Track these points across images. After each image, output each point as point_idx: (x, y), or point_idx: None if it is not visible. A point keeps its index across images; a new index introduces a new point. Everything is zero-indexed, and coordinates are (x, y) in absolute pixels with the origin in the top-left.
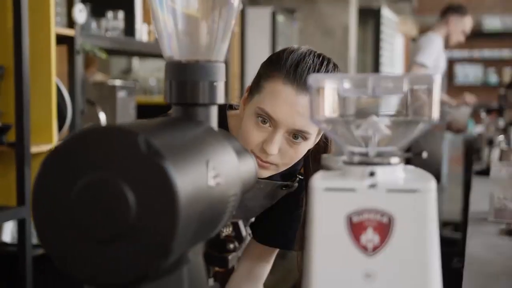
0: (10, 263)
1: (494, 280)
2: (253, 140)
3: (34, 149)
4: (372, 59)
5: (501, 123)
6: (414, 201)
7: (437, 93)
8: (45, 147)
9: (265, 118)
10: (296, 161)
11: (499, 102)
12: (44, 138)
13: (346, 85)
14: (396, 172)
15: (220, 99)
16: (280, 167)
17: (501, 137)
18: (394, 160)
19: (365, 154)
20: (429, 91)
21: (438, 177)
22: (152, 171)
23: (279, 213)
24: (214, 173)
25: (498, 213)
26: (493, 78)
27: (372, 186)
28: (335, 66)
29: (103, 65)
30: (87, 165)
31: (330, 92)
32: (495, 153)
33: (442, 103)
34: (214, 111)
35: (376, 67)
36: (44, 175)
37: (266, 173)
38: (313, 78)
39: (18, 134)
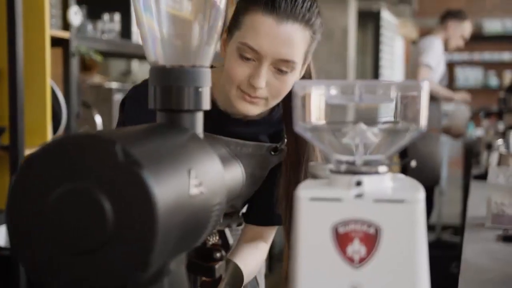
0: (6, 266)
1: (490, 287)
2: (239, 76)
3: (28, 152)
4: (372, 62)
5: (501, 126)
6: (402, 211)
7: (426, 101)
8: None
9: (248, 52)
10: (285, 93)
11: (499, 106)
12: (39, 141)
13: (333, 91)
14: (383, 182)
15: (206, 104)
16: (270, 101)
17: (500, 141)
18: (382, 169)
19: (352, 163)
20: (418, 99)
21: (436, 180)
22: (129, 181)
23: (268, 189)
24: (196, 182)
25: (495, 219)
26: (493, 81)
27: (359, 196)
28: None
29: (102, 67)
30: (64, 173)
31: (316, 98)
32: (494, 157)
33: (441, 99)
34: (199, 117)
35: (376, 70)
36: (20, 183)
37: (256, 109)
38: (298, 85)
39: (12, 137)
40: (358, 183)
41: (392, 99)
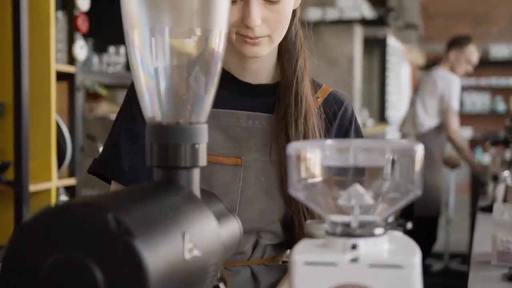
0: None
1: None
2: (232, 22)
3: (33, 187)
4: (378, 88)
5: (508, 155)
6: (398, 277)
7: (419, 163)
8: (44, 186)
9: None
10: (287, 24)
11: (505, 134)
12: (43, 176)
13: (328, 153)
14: (379, 244)
15: (203, 161)
16: (274, 36)
17: (506, 173)
18: (378, 231)
19: (348, 225)
20: (412, 161)
21: (437, 211)
22: (122, 250)
23: None
24: (191, 245)
25: (501, 257)
26: (500, 106)
27: (354, 260)
28: None
29: (110, 95)
30: (57, 242)
31: (310, 160)
32: (500, 189)
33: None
34: (196, 174)
35: (382, 96)
36: (12, 254)
37: (263, 49)
38: (293, 147)
39: (17, 173)
40: (354, 247)
41: (387, 161)
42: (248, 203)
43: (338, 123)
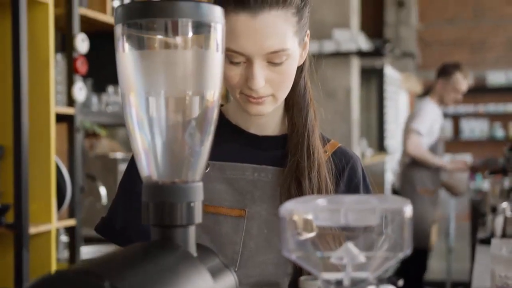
0: None
1: None
2: (235, 82)
3: (33, 229)
4: (376, 117)
5: (507, 183)
6: None
7: (409, 224)
8: (44, 228)
9: (234, 57)
10: (290, 83)
11: (504, 163)
12: (43, 218)
13: (320, 214)
14: None
15: (198, 218)
16: (278, 96)
17: (504, 204)
18: None
19: (340, 282)
20: (402, 221)
21: (426, 243)
22: None
23: None
24: None
25: None
26: (499, 133)
27: None
28: None
29: (110, 132)
30: None
31: (303, 220)
32: (499, 221)
33: (437, 168)
34: (192, 231)
35: (380, 125)
36: None
37: (267, 108)
38: (285, 208)
39: (17, 215)
40: None
41: (377, 221)
42: (251, 255)
43: (347, 178)
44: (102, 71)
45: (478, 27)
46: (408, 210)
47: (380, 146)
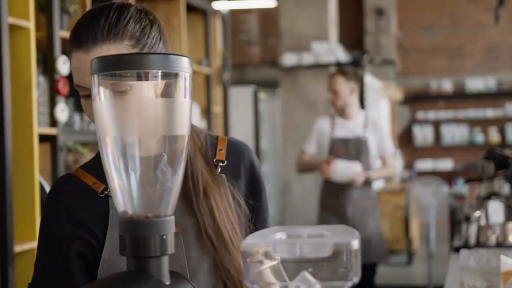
0: None
1: None
2: (90, 114)
3: (18, 248)
4: None
5: (483, 190)
6: None
7: (357, 255)
8: (29, 246)
9: (83, 91)
10: None
11: (480, 170)
12: (28, 236)
13: (278, 248)
14: None
15: (171, 249)
16: None
17: (477, 213)
18: None
19: None
20: (350, 254)
21: (381, 255)
22: None
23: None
24: None
25: None
26: (479, 138)
27: None
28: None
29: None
30: None
31: (263, 253)
32: (473, 229)
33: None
34: (165, 261)
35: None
36: None
37: None
38: (247, 244)
39: (2, 234)
40: None
41: (329, 253)
42: (197, 264)
43: (248, 170)
44: None
45: (456, 34)
46: (355, 243)
47: None
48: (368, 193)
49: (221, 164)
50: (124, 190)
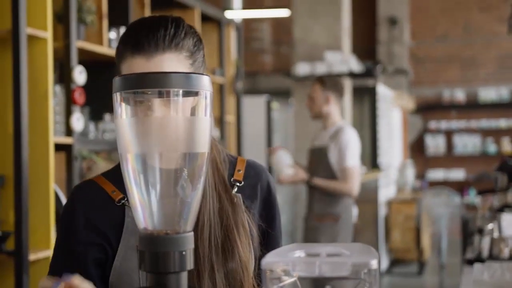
0: None
1: None
2: None
3: (33, 256)
4: (369, 135)
5: (496, 202)
6: None
7: (376, 274)
8: (43, 254)
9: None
10: None
11: (493, 183)
12: (42, 245)
13: (297, 267)
14: None
15: (190, 265)
16: None
17: (490, 226)
18: None
19: None
20: (369, 273)
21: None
22: None
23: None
24: None
25: None
26: (491, 148)
27: None
28: (184, 28)
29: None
30: None
31: (282, 271)
32: (486, 242)
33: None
34: (184, 277)
35: (373, 143)
36: None
37: None
38: (267, 262)
39: (17, 243)
40: None
41: (348, 273)
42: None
43: (264, 192)
44: (99, 100)
45: (469, 44)
46: (374, 262)
47: (374, 163)
48: (332, 210)
49: (237, 184)
50: (144, 206)
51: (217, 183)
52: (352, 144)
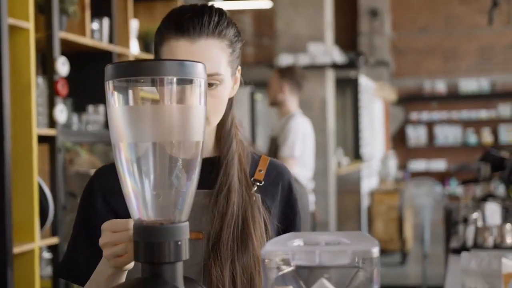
0: None
1: None
2: None
3: (16, 249)
4: (352, 126)
5: (479, 191)
6: None
7: (377, 263)
8: (28, 247)
9: None
10: (223, 108)
11: (476, 172)
12: (27, 238)
13: (297, 256)
14: None
15: (185, 255)
16: (211, 119)
17: (475, 215)
18: None
19: None
20: (370, 261)
21: None
22: None
23: None
24: None
25: None
26: (472, 139)
27: None
28: (227, 20)
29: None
30: None
31: (281, 260)
32: (470, 231)
33: None
34: (179, 267)
35: (356, 134)
36: None
37: None
38: (266, 251)
39: (1, 236)
40: None
41: (348, 261)
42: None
43: (285, 192)
44: (82, 91)
45: (450, 35)
46: (375, 250)
47: (356, 154)
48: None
49: (258, 184)
50: (138, 196)
51: (240, 178)
52: (292, 134)
